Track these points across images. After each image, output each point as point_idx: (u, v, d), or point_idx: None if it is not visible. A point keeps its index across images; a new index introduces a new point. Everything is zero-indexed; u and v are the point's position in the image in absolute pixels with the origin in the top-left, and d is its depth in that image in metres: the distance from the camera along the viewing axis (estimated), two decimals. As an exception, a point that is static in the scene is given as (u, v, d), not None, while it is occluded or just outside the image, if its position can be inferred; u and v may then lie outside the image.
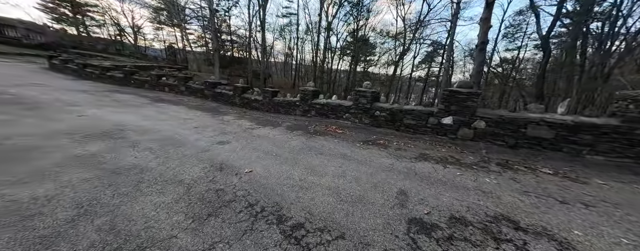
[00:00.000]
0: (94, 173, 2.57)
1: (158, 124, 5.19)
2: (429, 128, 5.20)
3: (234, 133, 4.90)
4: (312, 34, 25.67)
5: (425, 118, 5.22)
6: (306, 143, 4.35)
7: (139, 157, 3.19)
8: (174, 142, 4.00)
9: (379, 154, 3.89)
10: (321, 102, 7.08)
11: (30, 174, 2.48)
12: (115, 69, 11.99)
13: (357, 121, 6.34)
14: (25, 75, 10.23)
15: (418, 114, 5.29)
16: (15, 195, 2.03)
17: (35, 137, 3.65)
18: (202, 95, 10.42)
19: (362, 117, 6.24)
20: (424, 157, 3.80)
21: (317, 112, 7.25)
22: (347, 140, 4.71)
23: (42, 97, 6.62)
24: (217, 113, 7.37)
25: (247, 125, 5.87)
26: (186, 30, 29.04)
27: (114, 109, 6.28)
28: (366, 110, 6.13)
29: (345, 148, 4.13)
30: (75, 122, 4.71)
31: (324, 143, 4.44)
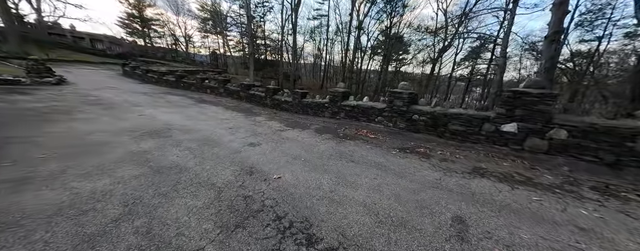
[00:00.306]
0: (142, 171, 2.79)
1: (199, 124, 5.60)
2: (482, 136, 4.40)
3: (264, 135, 4.97)
4: (342, 34, 25.31)
5: (477, 124, 4.44)
6: (336, 148, 4.11)
7: (180, 156, 3.40)
8: (210, 142, 4.22)
9: (421, 165, 3.40)
10: (351, 103, 6.74)
11: (96, 167, 2.83)
12: (169, 74, 13.73)
13: (391, 125, 5.81)
14: (105, 80, 12.45)
15: (468, 119, 4.53)
16: (81, 188, 2.30)
17: (107, 133, 4.25)
18: (238, 96, 11.10)
19: (397, 121, 5.69)
20: (480, 172, 3.18)
21: (346, 115, 6.94)
22: (381, 147, 4.30)
23: (115, 98, 7.88)
24: (250, 114, 7.70)
25: (277, 127, 5.92)
26: (227, 37, 31.84)
27: (166, 109, 7.06)
28: (402, 113, 5.57)
29: (380, 156, 3.74)
30: (136, 121, 5.40)
31: (355, 148, 4.13)
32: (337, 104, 7.12)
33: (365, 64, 25.38)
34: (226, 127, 5.56)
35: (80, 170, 2.73)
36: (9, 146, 3.34)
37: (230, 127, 5.55)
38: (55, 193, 2.17)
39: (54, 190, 2.25)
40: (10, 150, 3.21)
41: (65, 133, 4.09)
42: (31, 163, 2.86)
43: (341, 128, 5.89)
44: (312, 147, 4.19)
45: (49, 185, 2.32)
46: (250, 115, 7.66)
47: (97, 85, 10.30)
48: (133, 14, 32.69)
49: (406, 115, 5.48)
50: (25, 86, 8.28)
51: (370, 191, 2.49)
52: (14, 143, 3.46)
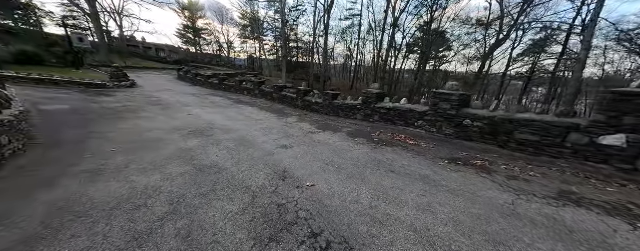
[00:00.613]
0: (186, 169, 2.97)
1: (236, 124, 5.91)
2: (567, 150, 3.48)
3: (295, 137, 4.92)
4: (375, 33, 24.27)
5: (560, 133, 3.52)
6: (372, 155, 3.77)
7: (219, 156, 3.56)
8: (246, 142, 4.35)
9: (482, 182, 2.82)
10: (387, 106, 6.24)
11: (150, 163, 3.13)
12: (213, 77, 15.19)
13: (435, 130, 5.14)
14: (164, 83, 14.44)
15: (544, 127, 3.63)
16: (138, 183, 2.53)
17: (162, 131, 4.77)
18: (271, 97, 11.55)
19: (442, 126, 5.00)
20: (573, 199, 2.45)
21: (381, 117, 6.46)
22: (425, 156, 3.78)
23: (170, 99, 8.99)
24: (282, 115, 7.85)
25: (308, 129, 5.84)
26: (263, 42, 33.91)
27: (210, 110, 7.71)
28: (450, 117, 4.85)
29: (425, 167, 3.27)
30: (185, 120, 6.00)
31: (394, 157, 3.72)
32: (370, 106, 6.70)
33: (399, 63, 23.82)
34: (260, 127, 5.73)
35: (139, 164, 3.04)
36: (91, 140, 3.99)
37: (263, 128, 5.69)
38: (118, 186, 2.42)
39: (118, 182, 2.52)
40: (92, 143, 3.82)
41: (131, 130, 4.74)
42: (104, 156, 3.33)
43: (375, 132, 5.48)
44: (345, 152, 3.93)
45: (115, 177, 2.62)
46: (283, 116, 7.80)
47: (158, 88, 11.98)
48: (188, 25, 37.62)
49: (455, 119, 4.76)
50: (109, 89, 10.11)
51: (419, 211, 2.12)
52: (94, 138, 4.13)
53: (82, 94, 8.29)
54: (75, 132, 4.41)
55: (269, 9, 26.52)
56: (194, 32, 38.11)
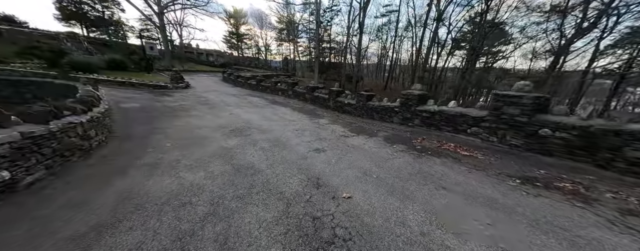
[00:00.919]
0: (226, 168, 3.10)
1: (271, 125, 6.08)
2: None
3: (328, 140, 4.76)
4: (414, 29, 22.41)
5: None
6: (416, 166, 3.33)
7: (255, 157, 3.64)
8: (279, 144, 4.39)
9: (579, 215, 2.14)
10: (430, 109, 5.55)
11: (197, 160, 3.38)
12: (252, 79, 16.28)
13: (495, 140, 4.31)
14: (211, 85, 16.12)
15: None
16: (185, 179, 2.73)
17: (208, 129, 5.21)
18: (303, 98, 11.70)
19: (506, 135, 4.15)
20: None
21: (422, 122, 5.80)
22: (485, 171, 3.16)
23: (215, 99, 9.91)
24: (314, 116, 7.81)
25: (341, 132, 5.62)
26: (297, 43, 35.00)
27: (248, 109, 8.19)
28: (519, 125, 3.98)
29: (488, 186, 2.70)
30: (227, 119, 6.47)
31: (443, 169, 3.21)
32: (410, 109, 6.08)
33: (442, 61, 21.43)
34: (293, 128, 5.76)
35: (188, 160, 3.32)
36: (153, 135, 4.58)
37: (296, 129, 5.70)
38: (169, 181, 2.65)
39: (170, 177, 2.76)
40: (154, 138, 4.38)
41: (184, 127, 5.30)
42: (162, 150, 3.76)
43: (416, 138, 4.91)
44: (383, 160, 3.58)
45: (167, 172, 2.89)
46: (314, 117, 7.75)
47: (206, 89, 13.40)
48: (232, 31, 41.52)
49: (526, 128, 3.88)
50: (169, 90, 11.74)
51: (491, 249, 1.68)
52: (156, 133, 4.74)
53: (149, 94, 9.80)
54: (142, 127, 5.15)
55: (304, 12, 27.15)
56: (237, 37, 41.89)
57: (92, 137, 3.58)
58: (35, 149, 2.35)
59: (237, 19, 41.31)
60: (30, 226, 1.77)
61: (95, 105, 4.51)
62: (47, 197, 2.19)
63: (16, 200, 2.07)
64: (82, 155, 3.22)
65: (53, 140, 2.63)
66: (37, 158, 2.37)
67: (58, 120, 2.88)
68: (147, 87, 11.45)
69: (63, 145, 2.80)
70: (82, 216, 1.92)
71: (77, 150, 3.13)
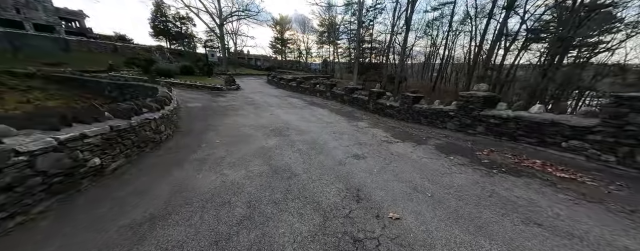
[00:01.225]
0: (264, 169, 3.11)
1: (309, 126, 6.04)
2: None
3: (368, 146, 4.35)
4: (474, 21, 19.25)
5: None
6: (486, 187, 2.62)
7: (292, 159, 3.57)
8: (316, 146, 4.23)
9: None
10: (501, 114, 4.46)
11: (240, 158, 3.53)
12: (292, 81, 16.98)
13: (613, 160, 3.07)
14: (257, 86, 17.56)
15: None
16: (228, 176, 2.84)
17: (251, 128, 5.51)
18: (341, 99, 11.42)
19: (633, 154, 2.91)
20: None
21: (488, 129, 4.74)
22: (604, 204, 2.22)
23: (259, 100, 10.64)
24: (352, 119, 7.44)
25: (382, 137, 5.10)
26: (337, 45, 34.99)
27: (287, 110, 8.44)
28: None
29: (619, 230, 1.83)
30: (269, 119, 6.78)
31: (529, 195, 2.41)
32: (470, 113, 5.07)
33: (511, 57, 17.62)
34: (330, 131, 5.56)
35: (232, 158, 3.49)
36: (208, 131, 5.11)
37: (334, 132, 5.48)
38: (215, 177, 2.79)
39: (215, 173, 2.92)
40: (207, 134, 4.87)
41: (232, 125, 5.76)
42: (212, 146, 4.11)
43: (481, 149, 3.99)
44: (439, 174, 2.98)
45: (213, 168, 3.07)
46: (353, 119, 7.38)
47: (253, 90, 14.63)
48: (277, 37, 44.73)
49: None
50: (223, 91, 13.29)
51: None
52: (210, 130, 5.28)
53: (208, 95, 11.26)
54: (200, 123, 5.84)
55: (345, 13, 26.85)
56: (281, 42, 44.89)
57: (162, 131, 4.19)
58: (119, 140, 2.81)
59: (283, 25, 44.27)
60: (111, 205, 2.08)
61: (167, 104, 5.32)
62: (124, 182, 2.57)
63: (103, 182, 2.49)
64: (154, 147, 3.78)
65: (132, 133, 3.11)
66: (120, 148, 2.83)
67: (138, 116, 3.43)
68: (207, 89, 13.23)
69: (140, 138, 3.31)
70: (144, 203, 2.15)
71: (150, 142, 3.68)
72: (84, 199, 2.10)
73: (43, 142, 1.81)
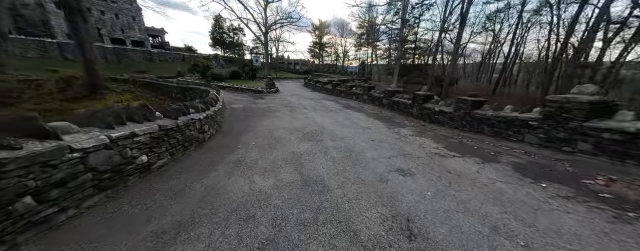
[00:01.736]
0: (294, 178, 2.83)
1: (344, 131, 5.59)
2: None
3: (416, 159, 3.63)
4: (556, 9, 15.33)
5: None
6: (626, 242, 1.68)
7: (325, 168, 3.20)
8: (352, 155, 3.76)
9: None
10: (628, 128, 3.09)
11: (271, 162, 3.36)
12: (328, 83, 16.82)
13: None
14: (294, 89, 18.07)
15: None
16: (256, 185, 2.66)
17: (286, 131, 5.41)
18: (379, 103, 10.56)
19: None
20: None
21: (599, 148, 3.38)
22: None
23: (295, 102, 10.76)
24: (392, 125, 6.64)
25: (433, 148, 4.25)
26: (376, 47, 33.48)
27: (322, 113, 8.19)
28: None
29: None
30: (303, 122, 6.63)
31: None
32: (567, 125, 3.74)
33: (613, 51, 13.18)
34: (368, 138, 4.98)
35: (263, 162, 3.36)
36: (246, 132, 5.23)
37: (372, 139, 4.88)
38: (243, 184, 2.64)
39: (244, 179, 2.78)
40: (245, 135, 4.97)
41: (268, 126, 5.80)
42: (247, 147, 4.12)
43: (591, 176, 2.80)
44: (529, 210, 2.11)
45: (244, 174, 2.96)
46: (393, 125, 6.58)
47: (290, 93, 15.06)
48: (316, 42, 45.89)
49: None
50: (264, 94, 14.07)
51: None
52: (248, 131, 5.41)
53: (250, 97, 12.04)
54: (240, 124, 6.09)
55: (387, 13, 25.36)
56: (319, 46, 45.86)
57: (205, 131, 4.43)
58: (165, 139, 2.97)
59: (322, 29, 45.21)
60: (148, 205, 2.11)
61: (212, 105, 5.72)
62: (165, 180, 2.66)
63: (148, 179, 2.62)
64: (197, 146, 3.98)
65: (178, 132, 3.29)
66: (166, 146, 2.99)
67: (185, 116, 3.65)
68: (250, 92, 14.24)
69: (185, 137, 3.49)
70: (175, 207, 2.11)
71: (195, 141, 3.88)
72: (128, 196, 2.20)
73: (97, 139, 1.92)
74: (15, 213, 1.35)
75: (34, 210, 1.46)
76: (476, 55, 34.25)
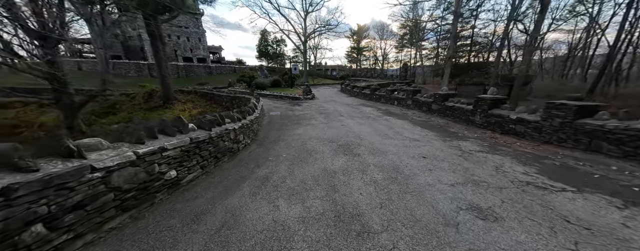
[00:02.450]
0: (325, 207, 2.26)
1: (385, 143, 4.74)
2: None
3: (497, 190, 2.57)
4: None
5: None
6: None
7: (364, 195, 2.54)
8: (399, 178, 2.96)
9: None
10: None
11: (300, 182, 2.91)
12: (366, 88, 15.83)
13: None
14: (331, 95, 17.77)
15: None
16: (279, 214, 2.22)
17: (319, 142, 4.94)
18: (427, 109, 9.06)
19: None
20: None
21: None
22: None
23: (330, 108, 10.31)
24: (448, 136, 5.36)
25: (520, 173, 3.02)
26: (421, 46, 30.36)
27: (359, 120, 7.44)
28: None
29: None
30: (338, 130, 6.07)
31: None
32: None
33: None
34: (418, 154, 4.02)
35: (291, 181, 2.93)
36: (279, 142, 5.02)
37: (423, 156, 3.91)
38: (266, 212, 2.25)
39: (268, 204, 2.39)
40: (277, 145, 4.74)
41: (300, 136, 5.46)
42: (278, 160, 3.81)
43: None
44: None
45: (268, 196, 2.58)
46: (449, 137, 5.31)
47: (326, 99, 14.79)
48: (353, 46, 45.21)
49: None
50: (300, 100, 14.22)
51: None
52: (281, 140, 5.20)
53: (288, 104, 12.27)
54: (275, 133, 5.99)
55: (436, 9, 22.61)
56: (357, 50, 44.96)
57: (240, 141, 4.38)
58: (197, 152, 2.90)
59: (360, 34, 44.28)
60: (164, 234, 1.93)
61: (250, 113, 5.78)
62: (190, 199, 2.51)
63: (176, 196, 2.53)
64: (230, 157, 3.91)
65: (211, 144, 3.22)
66: (197, 159, 2.91)
67: (219, 127, 3.62)
68: (288, 99, 14.63)
69: (217, 148, 3.42)
70: (189, 238, 1.86)
71: (228, 152, 3.82)
72: (149, 217, 2.07)
73: (122, 156, 1.84)
74: (22, 245, 1.27)
75: (45, 239, 1.38)
76: (559, 47, 26.93)
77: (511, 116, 5.50)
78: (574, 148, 4.25)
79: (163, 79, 13.16)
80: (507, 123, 5.61)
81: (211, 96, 15.30)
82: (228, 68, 36.01)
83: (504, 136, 5.44)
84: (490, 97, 6.38)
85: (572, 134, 4.29)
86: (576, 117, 4.29)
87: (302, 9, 25.46)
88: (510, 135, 5.45)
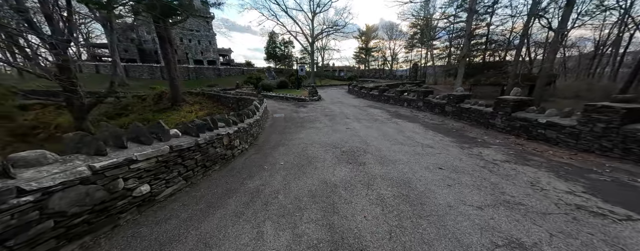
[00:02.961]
0: (319, 235, 1.81)
1: (394, 150, 4.22)
2: None
3: (539, 216, 2.01)
4: None
5: None
6: None
7: (369, 219, 2.07)
8: (411, 196, 2.45)
9: None
10: None
11: (294, 199, 2.47)
12: (374, 89, 15.20)
13: None
14: (337, 96, 17.27)
15: None
16: (265, 241, 1.80)
17: (321, 147, 4.50)
18: (440, 111, 8.37)
19: None
20: None
21: None
22: None
23: (336, 110, 9.84)
24: (465, 142, 4.74)
25: (565, 193, 2.42)
26: (432, 46, 29.19)
27: (366, 123, 6.92)
28: None
29: None
30: (343, 134, 5.58)
31: None
32: None
33: None
34: (432, 163, 3.47)
35: (285, 197, 2.51)
36: (278, 147, 4.60)
37: (439, 166, 3.36)
38: (248, 239, 1.83)
39: (252, 228, 1.98)
40: (277, 151, 4.33)
41: (301, 141, 5.04)
42: (273, 169, 3.40)
43: None
44: None
45: (255, 216, 2.17)
46: (468, 142, 4.69)
47: (332, 100, 14.32)
48: (362, 47, 44.43)
49: None
50: (306, 102, 13.85)
51: None
52: (281, 145, 4.78)
53: (293, 106, 11.92)
54: (276, 137, 5.60)
55: (449, 6, 21.50)
56: (366, 51, 44.13)
57: (235, 146, 4.02)
58: (179, 161, 2.55)
59: (368, 34, 43.45)
60: None
61: (249, 116, 5.44)
62: (166, 216, 2.16)
63: (147, 215, 2.18)
64: (223, 165, 3.55)
65: (198, 152, 2.86)
66: (179, 170, 2.56)
67: (210, 132, 3.27)
68: (294, 100, 14.31)
69: (206, 156, 3.06)
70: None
71: (220, 159, 3.46)
72: (105, 249, 1.70)
73: (70, 173, 1.49)
74: None
75: None
76: (583, 45, 24.87)
77: (540, 120, 4.80)
78: (622, 159, 3.55)
79: (172, 81, 13.25)
80: (534, 127, 4.92)
81: (218, 98, 15.29)
82: (237, 70, 36.43)
83: (532, 142, 4.74)
84: (513, 98, 5.66)
85: (620, 142, 3.59)
86: (624, 121, 3.59)
87: (310, 10, 25.20)
88: (539, 141, 4.75)
